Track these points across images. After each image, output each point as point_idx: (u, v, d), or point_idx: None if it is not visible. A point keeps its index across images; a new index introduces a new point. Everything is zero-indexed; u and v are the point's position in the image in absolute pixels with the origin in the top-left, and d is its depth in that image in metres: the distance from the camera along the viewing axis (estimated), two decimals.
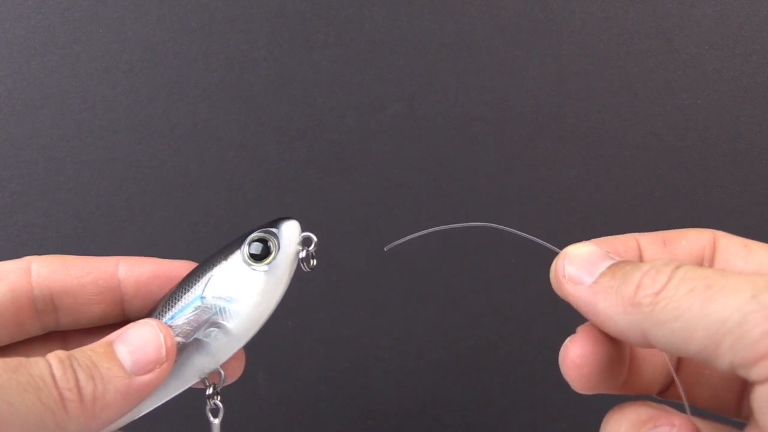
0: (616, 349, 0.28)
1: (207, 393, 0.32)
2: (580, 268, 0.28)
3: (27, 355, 0.26)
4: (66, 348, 0.28)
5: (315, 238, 0.32)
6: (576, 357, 0.28)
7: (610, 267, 0.27)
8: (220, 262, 0.32)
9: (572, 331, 0.29)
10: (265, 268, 0.31)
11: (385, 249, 0.33)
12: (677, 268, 0.25)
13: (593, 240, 0.30)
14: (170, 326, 0.31)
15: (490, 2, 0.52)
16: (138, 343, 0.29)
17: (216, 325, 0.31)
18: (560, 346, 0.49)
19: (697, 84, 0.52)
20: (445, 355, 0.52)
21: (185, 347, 0.31)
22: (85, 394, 0.26)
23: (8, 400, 0.24)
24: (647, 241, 0.31)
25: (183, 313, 0.31)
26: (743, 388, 0.30)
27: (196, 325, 0.31)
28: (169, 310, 0.31)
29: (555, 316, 0.51)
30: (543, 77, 0.52)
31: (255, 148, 0.52)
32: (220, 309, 0.31)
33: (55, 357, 0.27)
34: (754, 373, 0.22)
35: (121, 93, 0.52)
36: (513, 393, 0.52)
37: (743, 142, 0.52)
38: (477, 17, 0.52)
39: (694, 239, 0.31)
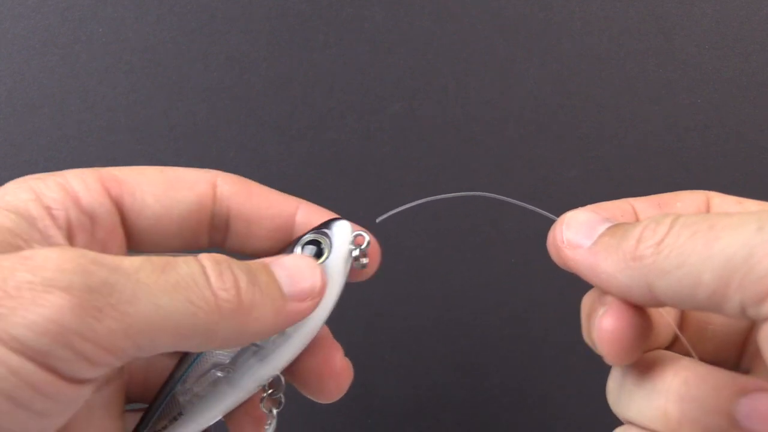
0: (645, 314, 0.27)
1: (262, 396, 0.31)
2: (579, 233, 0.27)
3: None
4: None
5: (367, 237, 0.31)
6: (613, 330, 0.26)
7: (608, 228, 0.27)
8: None
9: (572, 331, 0.29)
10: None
11: (377, 221, 0.33)
12: (677, 217, 0.24)
13: (588, 206, 0.30)
14: None
15: (490, 2, 0.52)
16: (294, 270, 0.28)
17: None
18: (560, 346, 0.49)
19: (697, 84, 0.52)
20: (445, 354, 0.52)
21: (243, 353, 0.30)
22: (244, 298, 0.25)
23: (156, 302, 0.23)
24: (643, 205, 0.31)
25: None
26: (744, 340, 0.30)
27: None
28: None
29: (555, 315, 0.51)
30: (543, 77, 0.52)
31: (255, 148, 0.52)
32: None
33: (211, 258, 0.25)
34: (764, 311, 0.21)
35: (121, 93, 0.52)
36: (513, 393, 0.52)
37: (743, 142, 0.52)
38: (477, 17, 0.52)
39: (688, 201, 0.31)
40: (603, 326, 0.26)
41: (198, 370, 0.30)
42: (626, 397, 0.27)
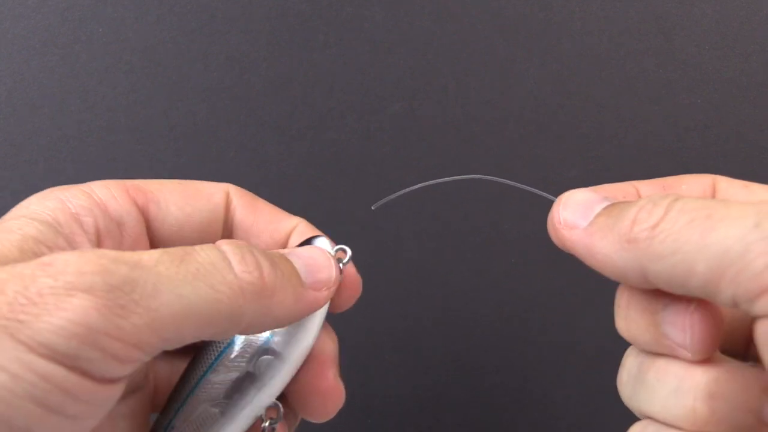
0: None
1: (262, 426, 0.30)
2: (576, 213, 0.27)
3: None
4: None
5: (349, 251, 0.32)
6: (707, 324, 0.25)
7: (605, 207, 0.26)
8: None
9: (572, 331, 0.29)
10: None
11: (373, 207, 0.33)
12: (675, 200, 0.24)
13: (591, 187, 0.29)
14: (220, 364, 0.29)
15: (490, 2, 0.52)
16: (309, 260, 0.28)
17: (266, 352, 0.29)
18: (560, 346, 0.49)
19: (697, 84, 0.52)
20: (445, 354, 0.52)
21: (240, 383, 0.29)
22: (268, 279, 0.25)
23: (178, 292, 0.22)
24: (647, 188, 0.30)
25: (231, 347, 0.30)
26: (751, 332, 0.29)
27: (247, 356, 0.29)
28: (218, 344, 0.30)
29: (555, 315, 0.51)
30: (543, 77, 0.52)
31: (255, 148, 0.52)
32: (264, 337, 0.29)
33: (231, 243, 0.25)
34: (757, 308, 0.21)
35: (121, 93, 0.52)
36: (513, 393, 0.52)
37: (743, 142, 0.52)
38: (477, 17, 0.52)
39: (693, 184, 0.30)
40: (697, 321, 0.25)
41: (191, 408, 0.30)
42: (647, 393, 0.27)
